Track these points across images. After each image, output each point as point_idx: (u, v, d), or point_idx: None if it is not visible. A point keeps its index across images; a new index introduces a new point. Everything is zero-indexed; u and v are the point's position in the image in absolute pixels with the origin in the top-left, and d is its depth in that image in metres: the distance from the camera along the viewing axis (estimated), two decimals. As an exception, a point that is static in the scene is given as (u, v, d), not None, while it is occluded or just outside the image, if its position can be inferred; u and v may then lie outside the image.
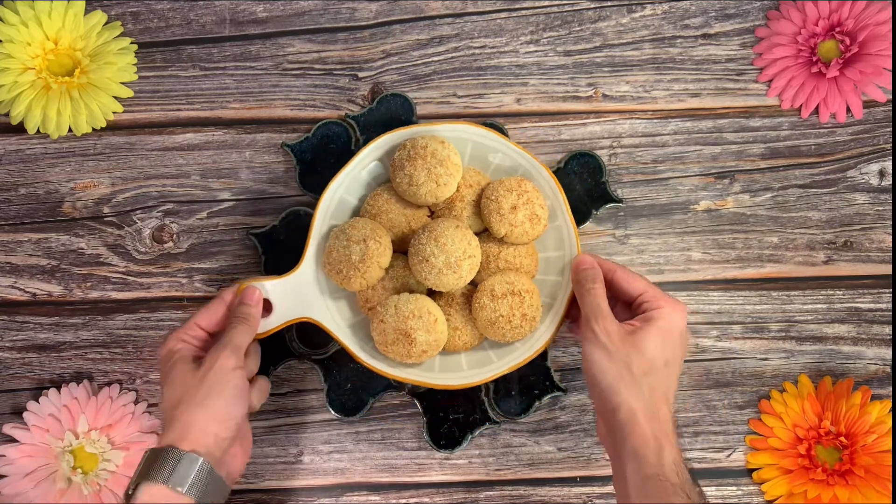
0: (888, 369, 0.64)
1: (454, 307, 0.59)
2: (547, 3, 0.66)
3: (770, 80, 0.65)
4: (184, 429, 0.49)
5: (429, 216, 0.60)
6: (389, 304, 0.56)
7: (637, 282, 0.55)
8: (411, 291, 0.58)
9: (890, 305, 0.64)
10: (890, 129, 0.65)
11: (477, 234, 0.59)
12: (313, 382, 0.64)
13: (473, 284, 0.60)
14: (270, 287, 0.58)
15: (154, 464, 0.48)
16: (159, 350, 0.54)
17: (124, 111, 0.66)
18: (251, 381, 0.55)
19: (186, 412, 0.49)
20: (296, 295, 0.58)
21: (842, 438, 0.60)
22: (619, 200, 0.64)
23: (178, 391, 0.51)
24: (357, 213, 0.61)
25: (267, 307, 0.58)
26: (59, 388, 0.63)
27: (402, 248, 0.59)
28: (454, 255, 0.54)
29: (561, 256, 0.60)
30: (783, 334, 0.64)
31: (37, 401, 0.63)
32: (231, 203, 0.65)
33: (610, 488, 0.62)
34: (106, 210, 0.65)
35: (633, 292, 0.54)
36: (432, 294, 0.59)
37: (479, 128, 0.59)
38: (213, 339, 0.56)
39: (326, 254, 0.58)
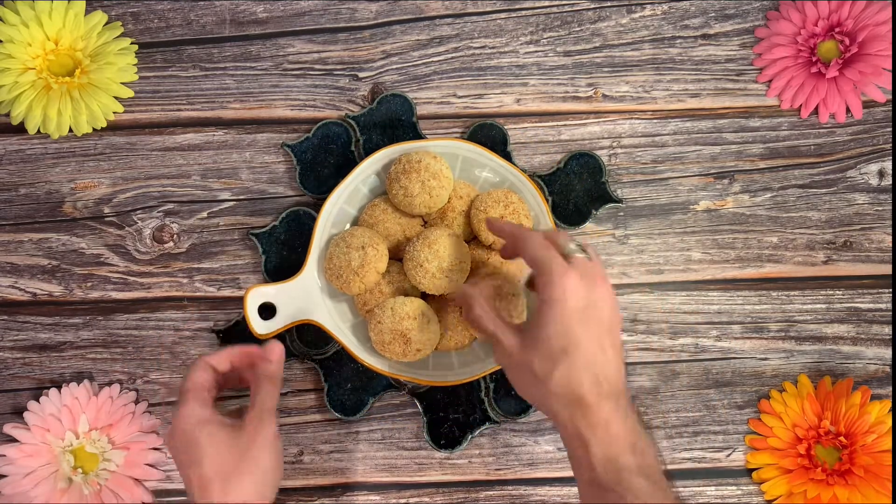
0: (888, 369, 0.64)
1: (447, 308, 0.61)
2: (547, 4, 0.66)
3: (770, 81, 0.65)
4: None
5: (422, 225, 0.63)
6: (386, 307, 0.58)
7: (532, 251, 0.48)
8: (406, 295, 0.61)
9: (889, 305, 0.64)
10: (889, 129, 0.65)
11: (467, 241, 0.61)
12: (313, 382, 0.64)
13: None
14: (274, 292, 0.60)
15: None
16: (189, 379, 0.51)
17: (125, 111, 0.66)
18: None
19: (237, 488, 0.47)
20: (298, 299, 0.61)
21: (841, 438, 0.60)
22: (619, 200, 0.64)
23: (216, 461, 0.48)
24: (356, 222, 0.64)
25: (271, 310, 0.59)
26: (59, 388, 0.63)
27: (397, 254, 0.62)
28: (446, 260, 0.58)
29: None
30: (783, 334, 0.64)
31: (37, 401, 0.63)
32: (231, 203, 0.65)
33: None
34: (106, 210, 0.66)
35: (532, 265, 0.49)
36: (426, 297, 0.61)
37: (469, 144, 0.62)
38: (224, 379, 0.54)
39: (327, 260, 0.60)
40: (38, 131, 0.65)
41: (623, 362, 0.47)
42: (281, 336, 0.62)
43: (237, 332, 0.64)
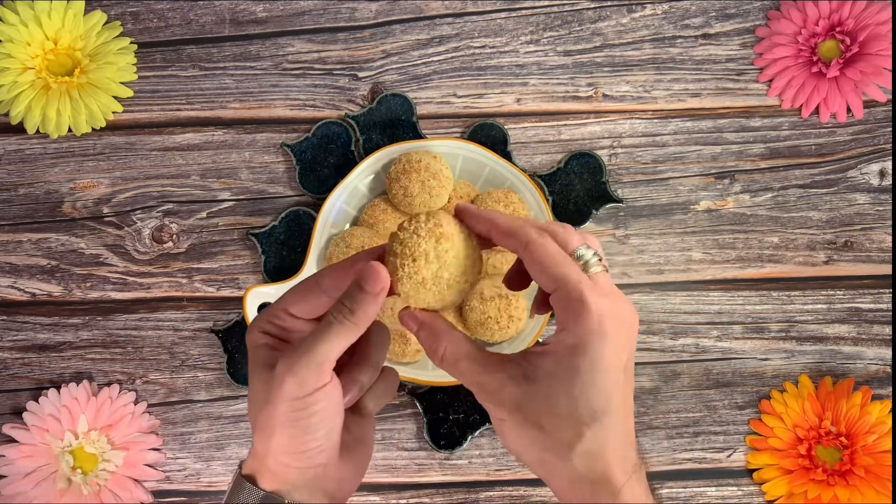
0: (888, 369, 0.63)
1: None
2: (547, 3, 0.66)
3: (770, 80, 0.65)
4: (262, 458, 0.38)
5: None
6: (386, 307, 0.58)
7: (552, 268, 0.35)
8: None
9: (890, 305, 0.64)
10: (890, 129, 0.65)
11: None
12: (313, 383, 0.64)
13: None
14: (274, 292, 0.60)
15: (235, 495, 0.39)
16: (246, 337, 0.41)
17: (124, 111, 0.66)
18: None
19: (260, 441, 0.38)
20: None
21: (842, 438, 0.60)
22: (620, 200, 0.64)
23: (253, 407, 0.39)
24: (355, 222, 0.63)
25: None
26: (58, 388, 0.63)
27: None
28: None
29: None
30: (783, 334, 0.64)
31: (36, 401, 0.63)
32: (231, 203, 0.65)
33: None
34: (106, 210, 0.65)
35: (547, 286, 0.36)
36: None
37: (469, 144, 0.62)
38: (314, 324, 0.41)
39: (327, 260, 0.60)
40: (38, 131, 0.65)
41: None
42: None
43: (237, 333, 0.64)
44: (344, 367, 0.40)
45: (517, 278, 0.41)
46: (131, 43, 0.66)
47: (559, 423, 0.34)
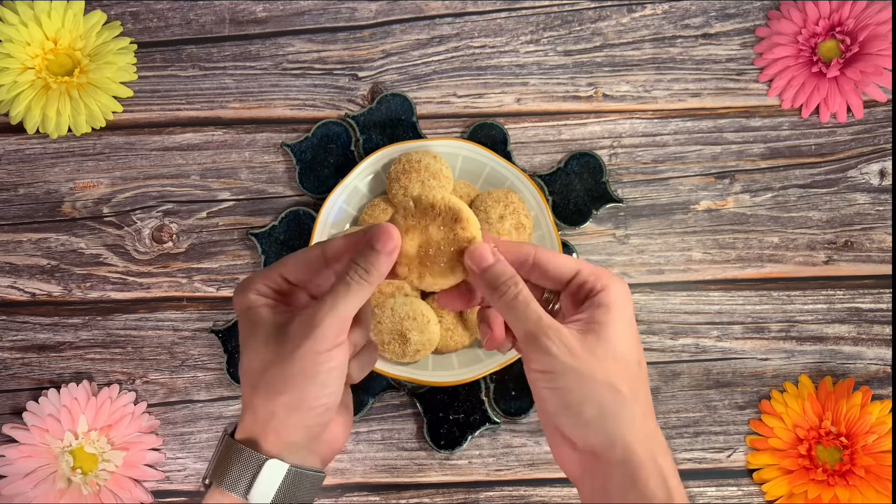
0: (888, 369, 0.63)
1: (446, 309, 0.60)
2: (547, 3, 0.66)
3: (770, 80, 0.65)
4: (266, 419, 0.38)
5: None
6: (386, 307, 0.59)
7: (564, 260, 0.40)
8: (406, 295, 0.60)
9: (890, 305, 0.64)
10: (890, 128, 0.65)
11: None
12: (313, 383, 0.64)
13: None
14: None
15: (229, 463, 0.39)
16: (235, 299, 0.41)
17: (124, 111, 0.66)
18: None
19: (268, 401, 0.38)
20: None
21: (842, 439, 0.60)
22: (620, 200, 0.64)
23: (256, 366, 0.39)
24: (355, 222, 0.63)
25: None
26: (58, 388, 0.63)
27: None
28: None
29: None
30: (783, 334, 0.64)
31: (36, 401, 0.63)
32: (231, 203, 0.65)
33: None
34: (105, 210, 0.65)
35: (564, 274, 0.40)
36: (426, 297, 0.61)
37: (469, 144, 0.62)
38: (302, 290, 0.43)
39: None
40: (37, 131, 0.65)
41: None
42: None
43: (237, 333, 0.64)
44: None
45: (464, 296, 0.43)
46: (131, 43, 0.66)
47: (620, 371, 0.38)
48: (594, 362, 0.37)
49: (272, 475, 0.38)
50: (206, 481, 0.40)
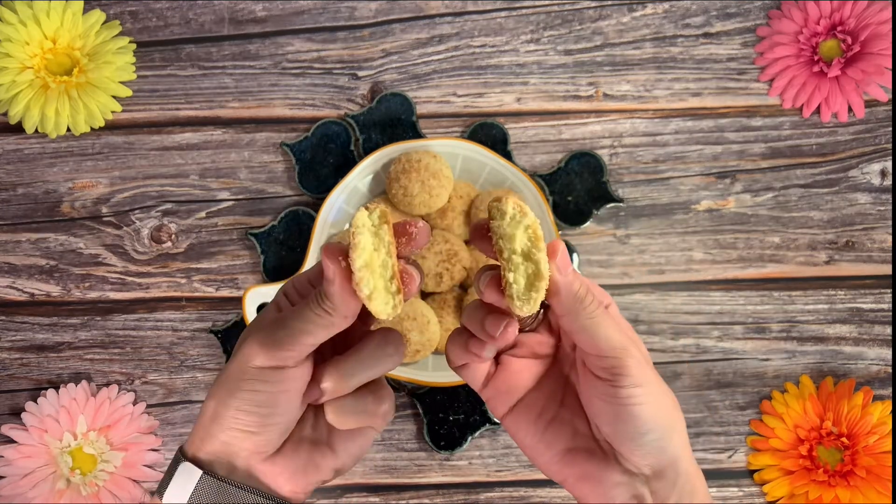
0: (890, 370, 0.63)
1: (446, 310, 0.61)
2: (547, 2, 0.66)
3: (771, 80, 0.65)
4: (207, 425, 0.37)
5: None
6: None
7: (614, 332, 0.37)
8: None
9: (891, 306, 0.64)
10: (891, 128, 0.65)
11: (466, 241, 0.62)
12: (313, 383, 0.64)
13: (464, 288, 0.62)
14: (272, 292, 0.59)
15: (169, 475, 0.38)
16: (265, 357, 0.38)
17: (123, 110, 0.66)
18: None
19: (210, 403, 0.37)
20: None
21: (843, 439, 0.60)
22: (620, 200, 0.64)
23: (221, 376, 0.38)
24: None
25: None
26: (57, 388, 0.63)
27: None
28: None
29: None
30: (784, 335, 0.64)
31: (35, 401, 0.63)
32: (230, 203, 0.65)
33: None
34: (104, 210, 0.65)
35: (604, 350, 0.37)
36: (426, 297, 0.61)
37: (469, 143, 0.62)
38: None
39: None
40: (36, 131, 0.65)
41: None
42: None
43: (236, 333, 0.63)
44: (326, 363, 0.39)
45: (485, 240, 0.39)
46: (130, 42, 0.65)
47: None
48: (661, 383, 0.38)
49: (184, 479, 0.37)
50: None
